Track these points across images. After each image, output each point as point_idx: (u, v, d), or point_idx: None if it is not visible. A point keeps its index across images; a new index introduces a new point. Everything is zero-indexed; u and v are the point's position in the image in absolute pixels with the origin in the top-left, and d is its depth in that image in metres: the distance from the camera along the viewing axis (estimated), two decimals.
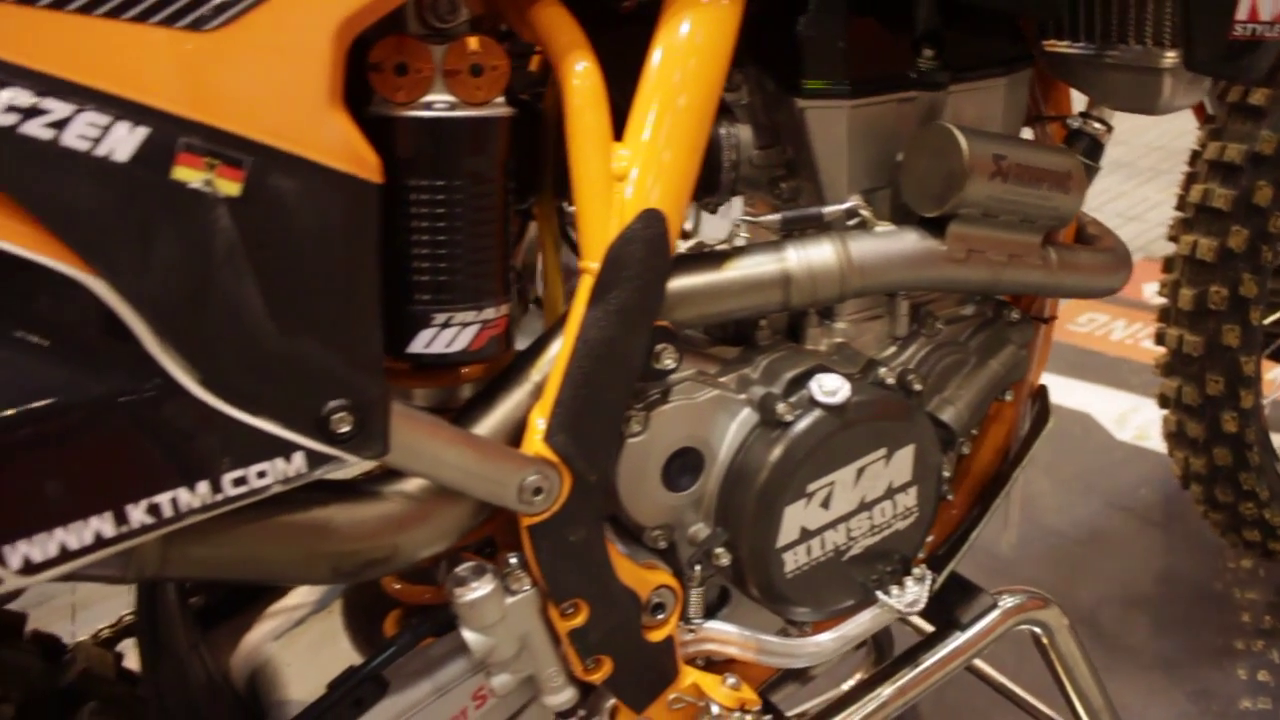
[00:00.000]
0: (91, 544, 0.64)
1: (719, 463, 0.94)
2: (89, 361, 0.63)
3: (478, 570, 0.84)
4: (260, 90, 0.65)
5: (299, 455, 0.70)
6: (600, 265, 0.80)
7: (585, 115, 0.80)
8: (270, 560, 0.76)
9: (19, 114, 0.59)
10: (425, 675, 0.90)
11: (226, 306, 0.65)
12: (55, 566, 0.63)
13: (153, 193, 0.62)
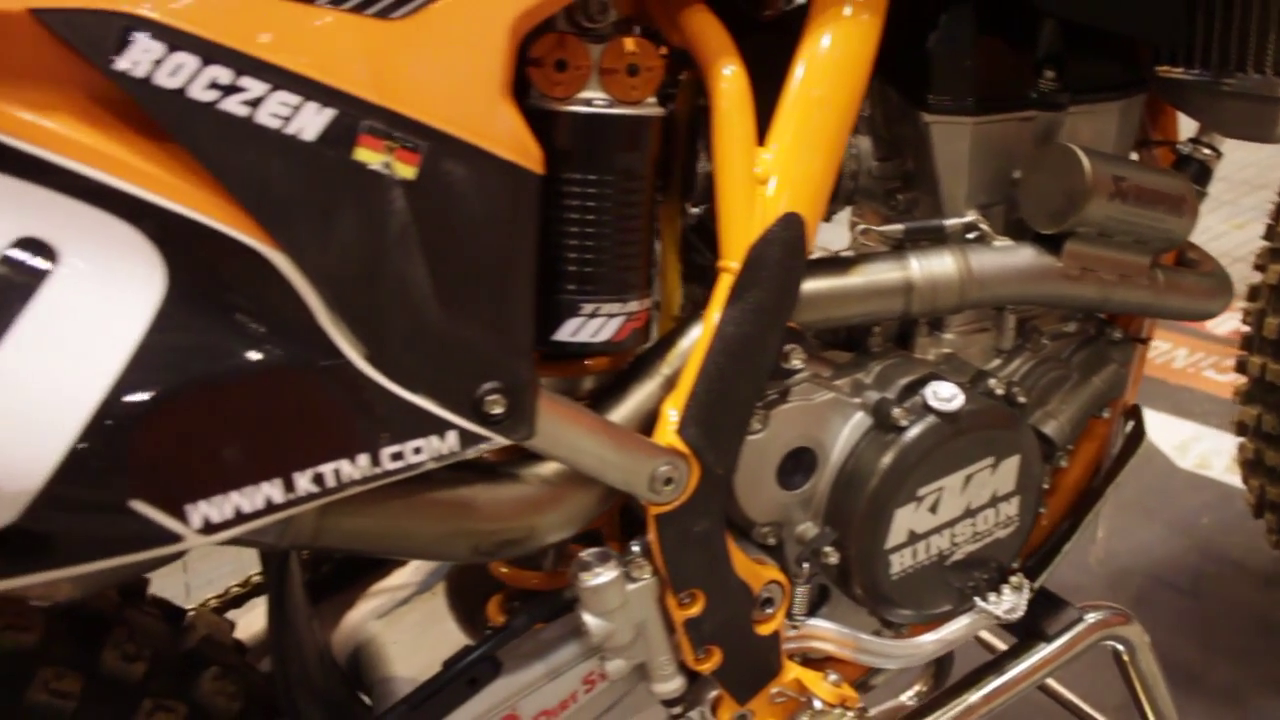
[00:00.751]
0: (262, 509, 0.66)
1: (831, 463, 0.96)
2: (266, 332, 0.66)
3: (602, 556, 0.87)
4: (439, 78, 0.68)
5: (453, 434, 0.72)
6: (740, 265, 0.83)
7: (732, 118, 0.83)
8: (414, 535, 0.79)
9: (219, 91, 0.61)
10: (538, 658, 0.93)
11: (396, 286, 0.68)
12: (229, 529, 0.66)
13: (335, 172, 0.65)
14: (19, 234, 0.59)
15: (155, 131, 0.62)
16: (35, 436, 0.59)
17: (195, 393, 0.63)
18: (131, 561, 0.64)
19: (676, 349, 0.87)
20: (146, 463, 0.62)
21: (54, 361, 0.59)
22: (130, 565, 0.65)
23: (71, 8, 0.59)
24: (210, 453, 0.64)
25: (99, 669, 0.84)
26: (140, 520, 0.62)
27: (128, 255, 0.62)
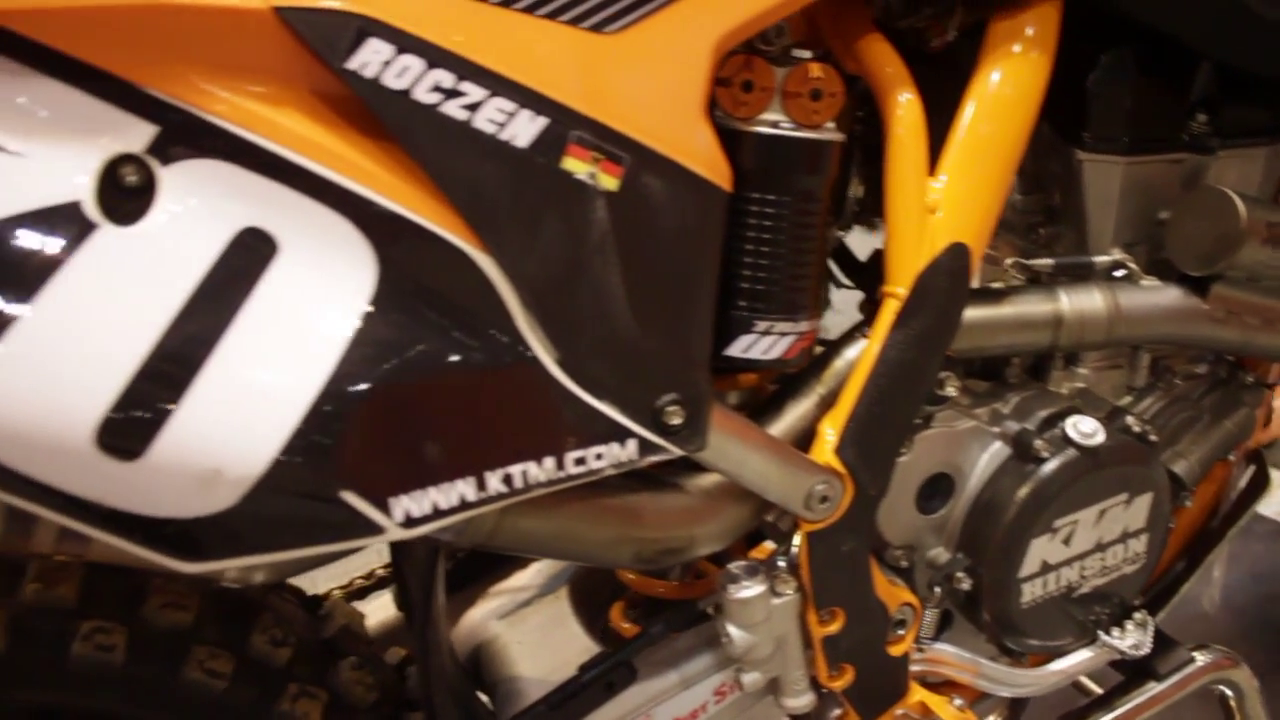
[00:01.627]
0: (456, 506, 0.68)
1: (968, 490, 0.97)
2: (466, 332, 0.67)
3: (751, 570, 0.88)
4: (645, 93, 0.70)
5: (633, 443, 0.73)
6: (908, 292, 0.84)
7: (907, 147, 0.84)
8: (583, 540, 0.80)
9: (441, 94, 0.63)
10: (672, 666, 0.94)
11: (591, 293, 0.69)
12: (427, 524, 0.67)
13: (543, 180, 0.66)
14: (243, 225, 0.61)
15: (372, 130, 0.64)
16: (258, 423, 0.60)
17: (402, 387, 0.64)
18: (334, 550, 0.65)
19: (832, 369, 0.88)
20: (357, 455, 0.63)
21: (275, 351, 0.61)
22: (330, 554, 0.66)
23: (312, 7, 0.61)
24: (413, 448, 0.66)
25: (248, 651, 0.86)
26: (348, 511, 0.64)
27: (342, 248, 0.63)
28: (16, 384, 0.56)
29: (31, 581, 0.80)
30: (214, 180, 0.61)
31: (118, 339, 0.58)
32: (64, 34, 0.58)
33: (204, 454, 0.59)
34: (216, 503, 0.60)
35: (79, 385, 0.57)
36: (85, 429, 0.57)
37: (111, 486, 0.59)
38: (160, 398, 0.58)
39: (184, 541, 0.61)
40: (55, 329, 0.56)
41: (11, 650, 0.78)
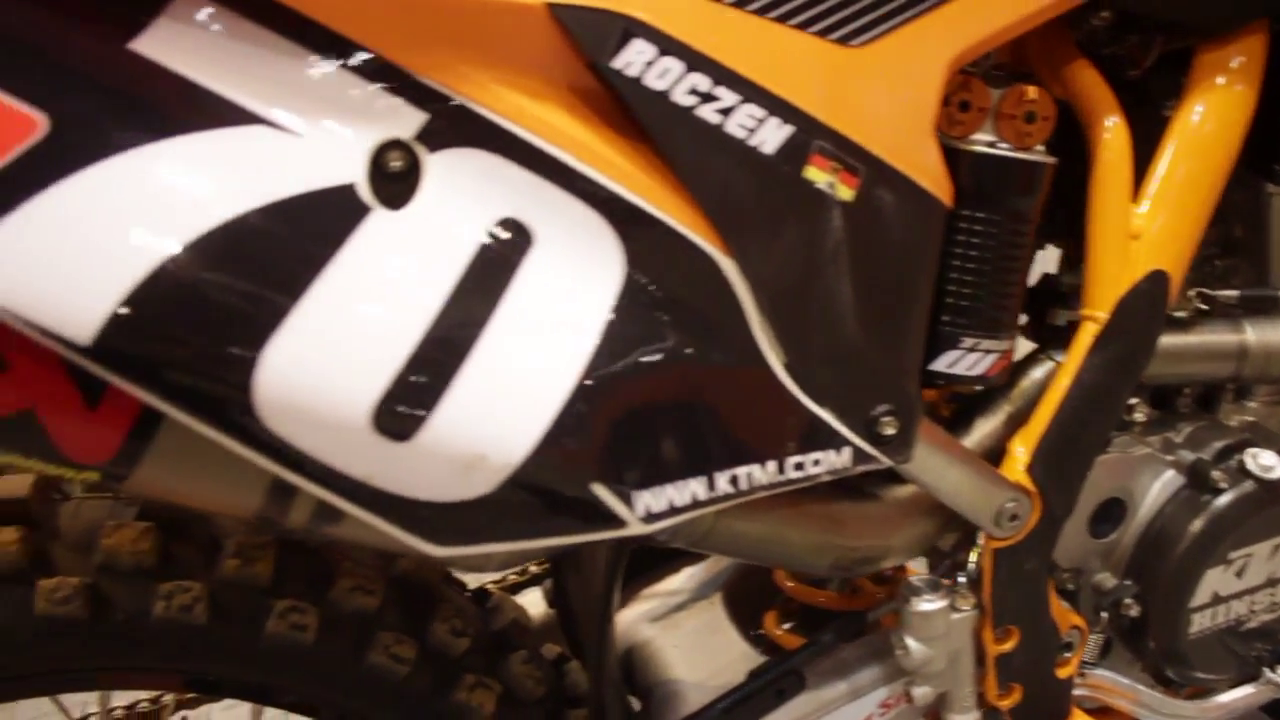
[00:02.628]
0: (689, 504, 0.69)
1: (1139, 517, 0.97)
2: (705, 332, 0.68)
3: (933, 584, 0.89)
4: (884, 107, 0.71)
5: (847, 451, 0.74)
6: (1107, 316, 0.84)
7: (1113, 172, 0.85)
8: (789, 545, 0.81)
9: (697, 97, 0.64)
10: (841, 676, 0.94)
11: (822, 301, 0.70)
12: (661, 520, 0.68)
13: (786, 187, 0.67)
14: (502, 214, 0.62)
15: (624, 128, 0.65)
16: (520, 412, 0.61)
17: (647, 384, 0.65)
18: (576, 542, 0.66)
19: (1019, 388, 0.89)
20: (607, 448, 0.64)
21: (534, 341, 0.62)
22: (570, 546, 0.67)
23: (584, 5, 0.62)
24: (655, 444, 0.67)
25: (429, 639, 0.87)
26: (595, 503, 0.64)
27: (592, 242, 0.64)
28: (304, 361, 0.57)
29: (230, 558, 0.81)
30: (476, 169, 0.62)
31: (394, 322, 0.59)
32: (347, 17, 0.60)
33: (469, 439, 0.61)
34: (475, 488, 0.62)
35: (360, 366, 0.58)
36: (364, 409, 0.58)
37: (381, 467, 0.60)
38: (433, 382, 0.59)
39: (438, 525, 0.62)
40: (338, 310, 0.58)
41: (210, 624, 0.80)
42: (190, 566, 0.81)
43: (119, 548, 0.79)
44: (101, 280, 0.53)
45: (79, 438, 0.57)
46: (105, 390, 0.56)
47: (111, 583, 0.79)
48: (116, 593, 0.79)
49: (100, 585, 0.79)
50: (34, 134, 0.53)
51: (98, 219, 0.53)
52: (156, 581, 0.79)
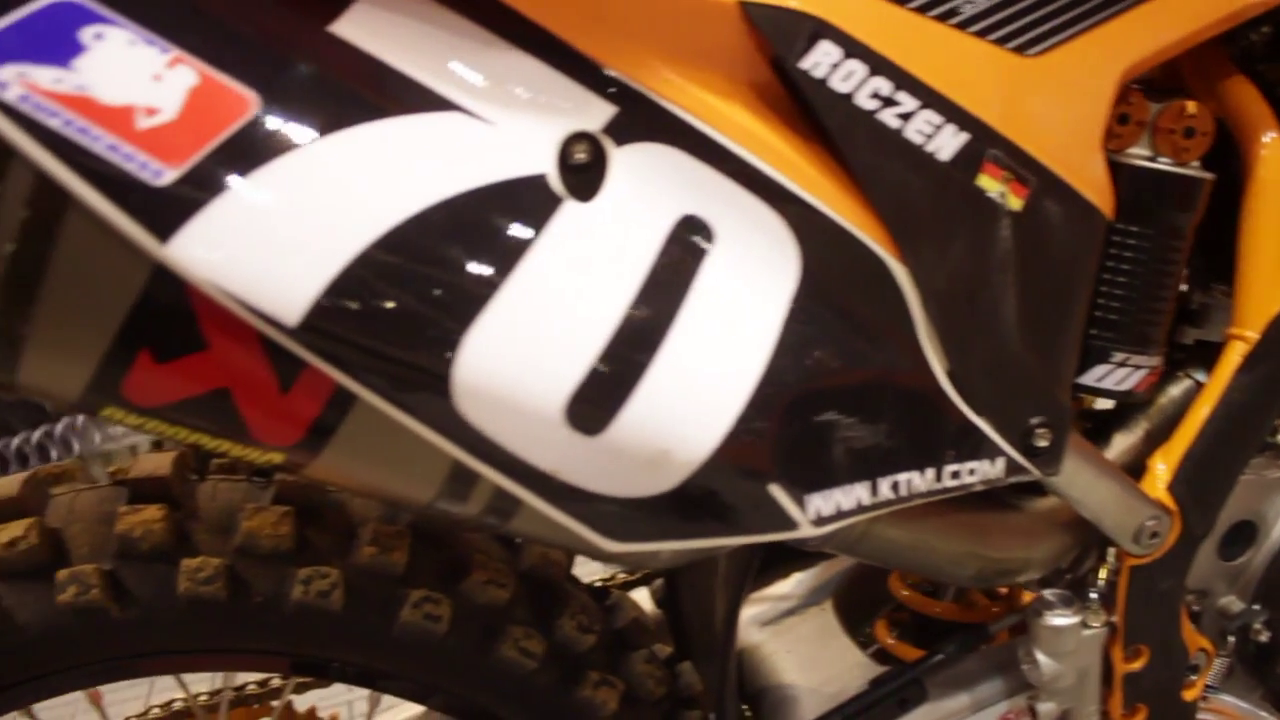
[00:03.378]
0: (853, 508, 0.68)
1: (1270, 540, 0.96)
2: (874, 337, 0.68)
3: (1066, 599, 0.88)
4: (1056, 117, 0.70)
5: (1001, 461, 0.74)
6: (1258, 336, 0.83)
7: (1269, 188, 0.84)
8: (934, 553, 0.80)
9: (879, 101, 0.64)
10: (963, 688, 0.94)
11: (987, 310, 0.70)
12: (829, 524, 0.68)
13: (960, 195, 0.67)
14: (685, 211, 0.62)
15: (802, 129, 0.65)
16: (706, 409, 0.61)
17: (822, 386, 0.65)
18: (748, 542, 0.66)
19: (1157, 405, 0.88)
20: (785, 449, 0.64)
21: (718, 339, 0.62)
22: (739, 545, 0.67)
23: (776, 5, 0.62)
24: (826, 446, 0.67)
25: (556, 635, 0.86)
26: (771, 504, 0.64)
27: (770, 242, 0.64)
28: (503, 351, 0.57)
29: (367, 545, 0.81)
30: (660, 164, 0.62)
31: (589, 315, 0.59)
32: (540, 6, 0.60)
33: (656, 435, 0.60)
34: (657, 485, 0.61)
35: (557, 357, 0.58)
36: (559, 401, 0.58)
37: (569, 460, 0.60)
38: (624, 376, 0.59)
39: (617, 521, 0.62)
40: (536, 300, 0.58)
41: (346, 611, 0.80)
42: (326, 552, 0.81)
43: (259, 530, 0.79)
44: (310, 262, 0.53)
45: (269, 420, 0.58)
46: (299, 374, 0.56)
47: (249, 565, 0.80)
48: (254, 575, 0.79)
49: (238, 567, 0.79)
50: (247, 113, 0.53)
51: (307, 200, 0.53)
52: (294, 566, 0.79)
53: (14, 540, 0.77)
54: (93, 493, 0.84)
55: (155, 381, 0.55)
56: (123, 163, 0.51)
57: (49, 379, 0.55)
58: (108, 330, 0.54)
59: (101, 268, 0.53)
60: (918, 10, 0.67)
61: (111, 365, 0.55)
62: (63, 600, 0.76)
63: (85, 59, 0.51)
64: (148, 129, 0.51)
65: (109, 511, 0.81)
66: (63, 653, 0.79)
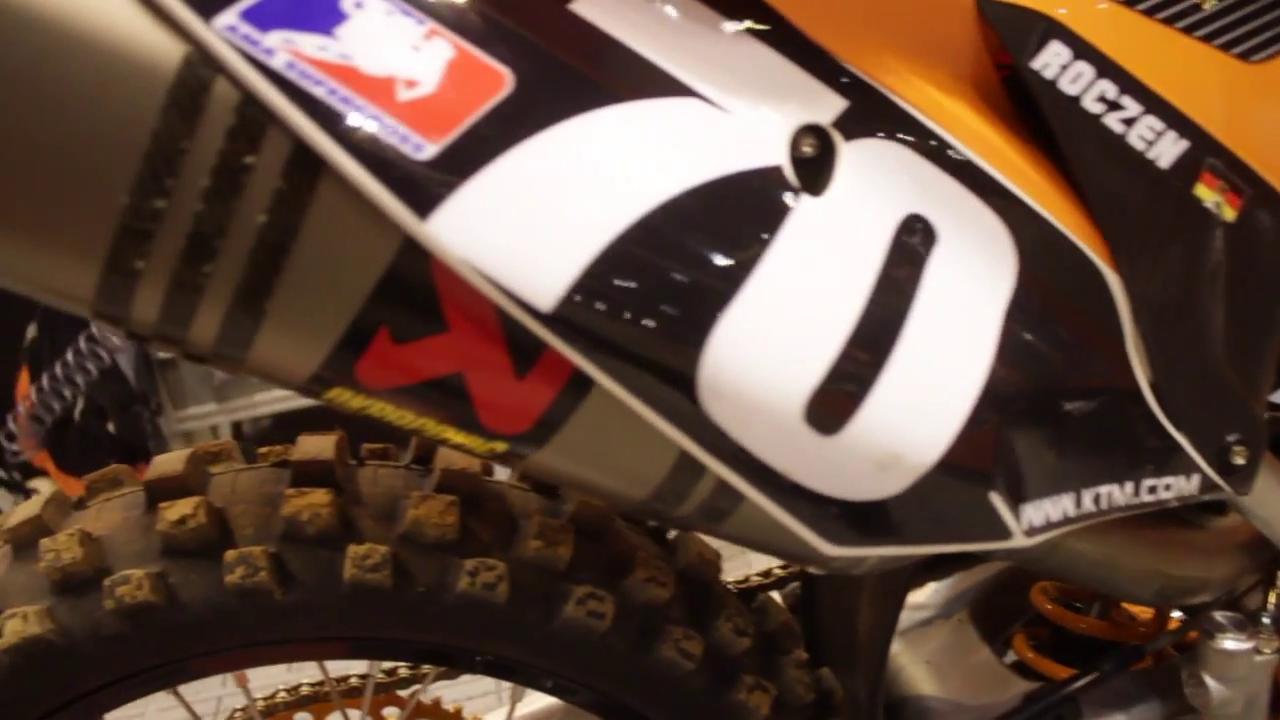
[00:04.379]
0: (1059, 519, 0.67)
1: None
2: (1083, 345, 0.66)
3: (1239, 623, 0.86)
4: (1274, 126, 0.67)
5: (1196, 478, 0.72)
6: None
7: None
8: (1120, 570, 0.78)
9: (1104, 105, 0.62)
10: (1118, 708, 0.92)
11: (1195, 322, 0.68)
12: (1040, 534, 0.66)
13: (1176, 204, 0.65)
14: (909, 210, 0.60)
15: (1021, 130, 0.63)
16: (935, 413, 0.59)
17: (1037, 394, 0.63)
18: (961, 550, 0.64)
19: None
20: (1004, 456, 0.62)
21: (944, 342, 0.60)
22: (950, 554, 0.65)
23: (1012, 3, 0.60)
24: (1039, 455, 0.65)
25: (713, 636, 0.85)
26: (989, 512, 0.62)
27: (989, 244, 0.63)
28: (749, 345, 0.55)
29: (533, 538, 0.79)
30: (886, 161, 0.60)
31: (828, 313, 0.57)
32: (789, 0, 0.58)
33: (889, 438, 0.59)
34: (885, 489, 0.60)
35: (800, 355, 0.56)
36: (799, 400, 0.56)
37: (803, 460, 0.58)
38: (862, 376, 0.58)
39: (839, 524, 0.61)
40: (780, 295, 0.56)
41: (508, 604, 0.78)
42: (490, 543, 0.80)
43: (425, 519, 0.77)
44: (565, 248, 0.52)
45: (500, 408, 0.56)
46: (537, 361, 0.54)
47: (413, 554, 0.78)
48: (418, 564, 0.78)
49: (401, 555, 0.77)
50: (502, 89, 0.51)
51: (561, 183, 0.52)
52: (459, 556, 0.78)
53: (183, 518, 0.75)
54: (253, 473, 0.83)
55: (390, 363, 0.54)
56: (385, 135, 0.49)
57: (281, 357, 0.54)
58: (350, 307, 0.52)
59: (350, 243, 0.51)
60: (1145, 12, 0.65)
61: (349, 344, 0.53)
62: (230, 581, 0.75)
63: (347, 27, 0.50)
64: (409, 101, 0.50)
65: (271, 493, 0.80)
66: (221, 634, 0.78)
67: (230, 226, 0.50)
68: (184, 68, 0.48)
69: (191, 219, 0.50)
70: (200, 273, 0.51)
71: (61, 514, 0.81)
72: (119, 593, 0.74)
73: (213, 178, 0.49)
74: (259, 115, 0.49)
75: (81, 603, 0.77)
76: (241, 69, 0.48)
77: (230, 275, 0.51)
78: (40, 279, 0.52)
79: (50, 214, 0.50)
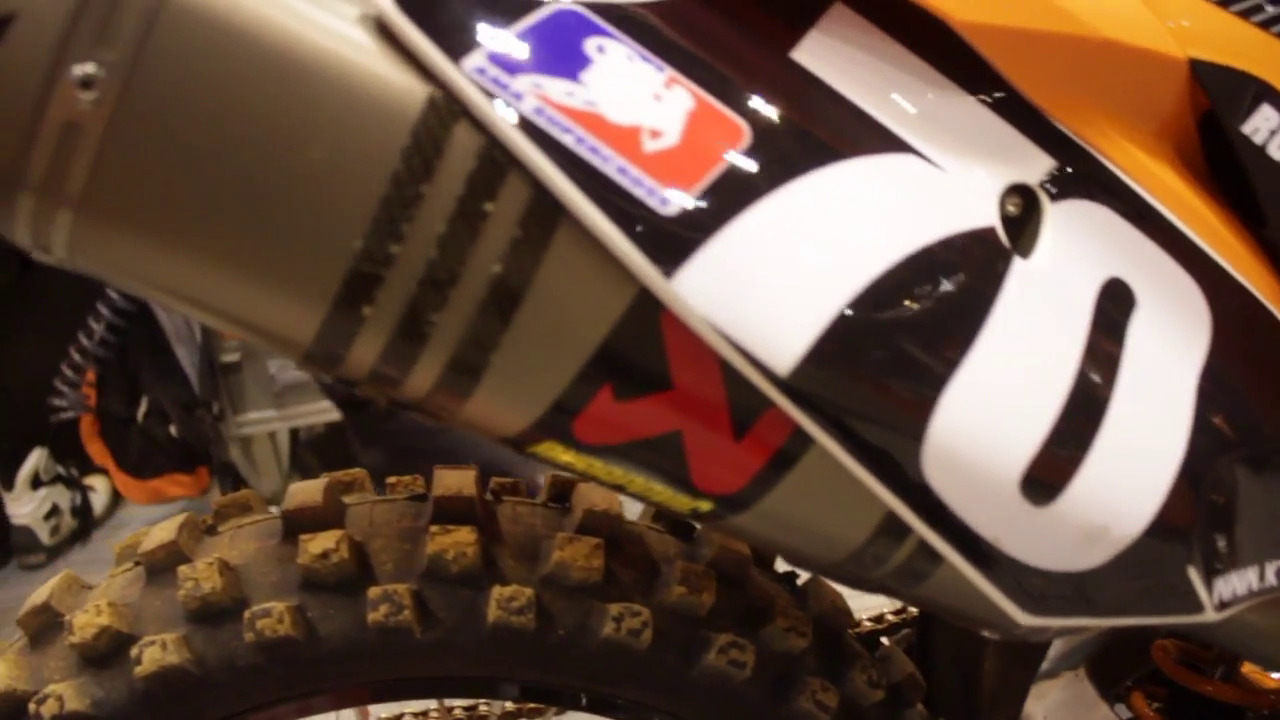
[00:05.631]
0: (1245, 593, 0.65)
1: None
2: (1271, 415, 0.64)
3: None
4: None
5: None
6: None
7: None
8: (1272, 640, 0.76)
9: None
10: None
11: None
12: (1229, 608, 0.64)
13: None
14: (1110, 273, 0.59)
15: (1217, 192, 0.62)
16: (1141, 484, 0.58)
17: (1232, 461, 0.62)
18: (1152, 623, 0.62)
19: None
20: (1201, 527, 0.61)
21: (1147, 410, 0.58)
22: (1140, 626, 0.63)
23: (1224, 64, 0.58)
24: (1232, 528, 0.63)
25: (847, 688, 0.83)
26: (1186, 585, 0.61)
27: (1185, 309, 0.61)
28: (973, 414, 0.53)
29: (676, 584, 0.78)
30: (1091, 223, 0.59)
31: (1045, 381, 0.55)
32: (994, 46, 0.56)
33: (1098, 510, 0.57)
34: (1088, 560, 0.58)
35: (1019, 424, 0.55)
36: (1016, 470, 0.55)
37: (1012, 530, 0.56)
38: (1075, 447, 0.56)
39: (1039, 594, 0.60)
40: (1001, 363, 0.54)
41: (650, 650, 0.76)
42: (631, 588, 0.78)
43: (571, 562, 0.76)
44: (804, 310, 0.50)
45: (715, 467, 0.54)
46: (758, 421, 0.52)
47: (555, 596, 0.76)
48: (560, 607, 0.76)
49: (544, 597, 0.76)
50: (741, 141, 0.50)
51: (795, 244, 0.50)
52: (602, 600, 0.76)
53: (326, 552, 0.74)
54: (389, 506, 0.81)
55: (610, 420, 0.52)
56: (631, 187, 0.48)
57: (498, 411, 0.53)
58: (576, 362, 0.51)
59: (581, 296, 0.50)
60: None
61: (570, 400, 0.52)
62: (373, 618, 0.73)
63: (592, 72, 0.48)
64: (654, 152, 0.48)
65: (410, 528, 0.78)
66: (354, 669, 0.76)
67: (463, 275, 0.48)
68: (428, 109, 0.47)
69: (425, 265, 0.48)
70: (428, 321, 0.49)
71: (194, 539, 0.80)
72: (259, 625, 0.73)
73: (449, 224, 0.48)
74: (501, 161, 0.47)
75: (218, 632, 0.75)
76: (490, 113, 0.47)
77: (458, 325, 0.49)
78: (258, 320, 0.51)
79: (281, 255, 0.48)
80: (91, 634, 0.75)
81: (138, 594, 0.77)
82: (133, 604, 0.76)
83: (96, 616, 0.75)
